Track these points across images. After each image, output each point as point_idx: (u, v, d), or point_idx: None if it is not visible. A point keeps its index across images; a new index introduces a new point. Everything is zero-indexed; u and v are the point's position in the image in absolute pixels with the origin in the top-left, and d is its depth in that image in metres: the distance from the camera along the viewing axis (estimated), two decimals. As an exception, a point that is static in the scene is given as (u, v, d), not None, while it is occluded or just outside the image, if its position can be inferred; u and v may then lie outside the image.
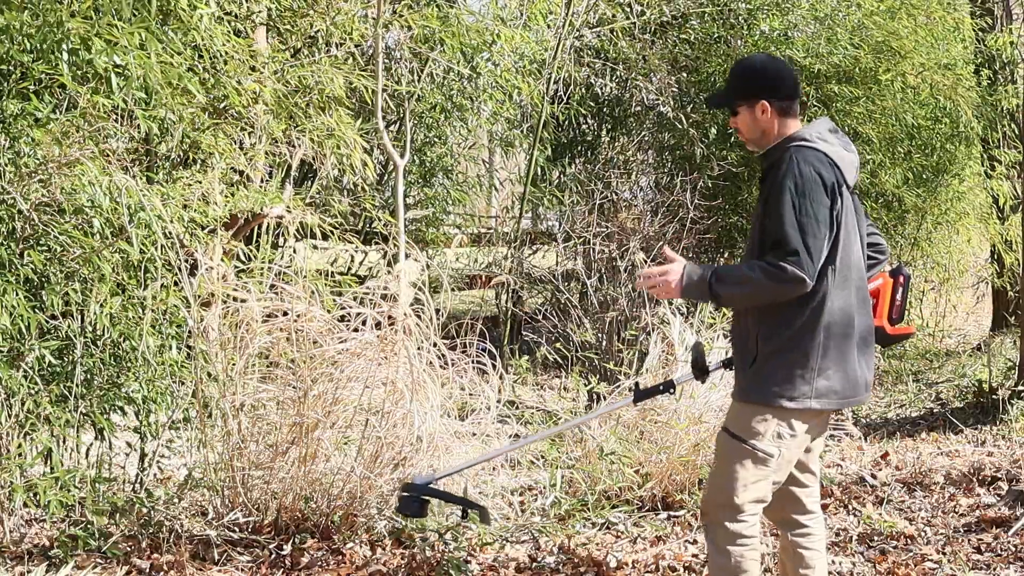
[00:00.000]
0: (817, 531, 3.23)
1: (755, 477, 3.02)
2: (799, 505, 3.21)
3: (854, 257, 3.07)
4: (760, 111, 3.16)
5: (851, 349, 3.03)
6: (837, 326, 2.99)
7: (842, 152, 3.11)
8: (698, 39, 10.11)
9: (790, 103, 3.19)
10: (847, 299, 3.02)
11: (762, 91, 3.17)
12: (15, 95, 4.08)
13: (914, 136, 10.10)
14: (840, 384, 3.01)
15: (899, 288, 3.32)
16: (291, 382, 4.26)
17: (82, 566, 3.84)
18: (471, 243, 10.34)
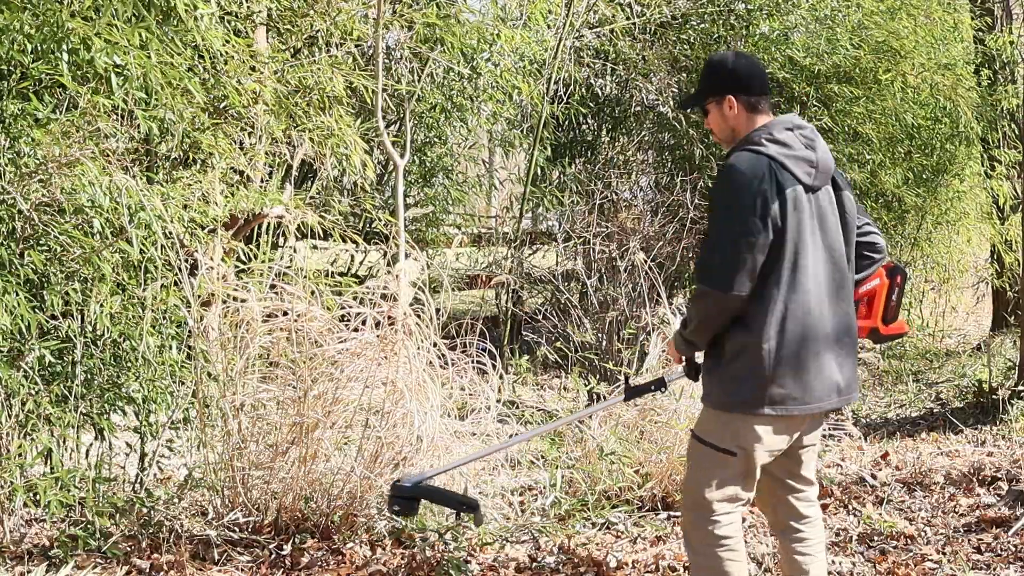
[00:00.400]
0: (814, 536, 3.21)
1: (721, 477, 3.03)
2: (793, 511, 3.20)
3: (820, 257, 3.01)
4: (728, 107, 3.13)
5: (814, 354, 2.97)
6: (793, 331, 2.94)
7: (799, 151, 3.03)
8: (698, 39, 10.11)
9: (759, 99, 3.13)
10: (806, 302, 2.96)
11: (729, 87, 3.13)
12: (15, 95, 4.08)
13: (914, 136, 10.11)
14: (800, 391, 2.96)
15: (895, 288, 3.30)
16: (291, 382, 4.26)
17: (82, 566, 3.84)
18: (471, 243, 10.34)
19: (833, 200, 3.09)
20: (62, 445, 4.24)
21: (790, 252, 2.94)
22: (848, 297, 3.10)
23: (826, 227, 3.04)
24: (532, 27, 8.67)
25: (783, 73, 9.41)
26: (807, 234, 2.97)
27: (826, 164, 3.06)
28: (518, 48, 8.01)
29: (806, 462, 3.20)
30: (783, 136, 3.04)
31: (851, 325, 3.09)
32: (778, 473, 3.19)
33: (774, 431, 3.01)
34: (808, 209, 2.99)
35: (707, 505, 3.05)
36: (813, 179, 3.01)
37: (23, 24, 3.94)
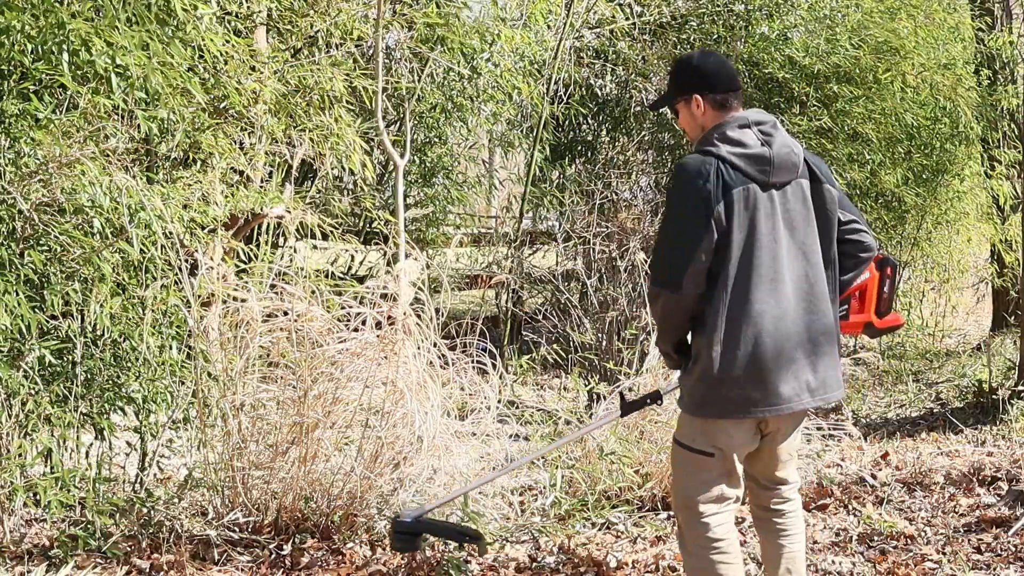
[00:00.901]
0: (791, 528, 3.21)
1: (703, 478, 3.04)
2: (765, 503, 3.23)
3: (785, 255, 2.98)
4: (695, 106, 3.11)
5: (775, 354, 2.93)
6: (747, 332, 2.92)
7: (752, 149, 2.99)
8: (698, 40, 10.12)
9: (726, 97, 3.08)
10: (761, 301, 2.93)
11: (695, 86, 3.11)
12: (16, 96, 4.08)
13: (914, 136, 10.11)
14: (760, 393, 2.94)
15: (886, 280, 3.26)
16: (291, 382, 4.26)
17: (82, 566, 3.84)
18: (471, 243, 10.34)
19: (807, 195, 3.04)
20: (62, 445, 4.24)
21: (739, 252, 2.93)
22: (823, 294, 3.04)
23: (795, 223, 3.01)
24: (532, 27, 8.67)
25: (783, 73, 9.42)
26: (763, 233, 2.94)
27: (785, 159, 3.00)
28: (518, 48, 8.01)
29: (784, 462, 3.19)
30: (736, 134, 3.01)
31: (827, 323, 3.04)
32: (754, 473, 3.20)
33: (745, 430, 3.01)
34: (766, 207, 2.96)
35: (694, 507, 3.05)
36: (770, 176, 2.97)
37: (24, 25, 3.94)
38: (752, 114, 3.07)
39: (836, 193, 3.09)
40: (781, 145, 3.01)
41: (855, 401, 7.78)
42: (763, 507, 3.24)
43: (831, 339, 3.06)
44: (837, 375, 3.09)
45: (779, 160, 2.99)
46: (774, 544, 3.21)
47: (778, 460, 3.17)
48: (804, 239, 3.01)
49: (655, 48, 9.97)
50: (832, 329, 3.06)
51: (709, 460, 3.02)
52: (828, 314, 3.04)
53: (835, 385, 3.09)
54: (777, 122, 3.09)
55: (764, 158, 2.97)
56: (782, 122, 9.24)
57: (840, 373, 3.11)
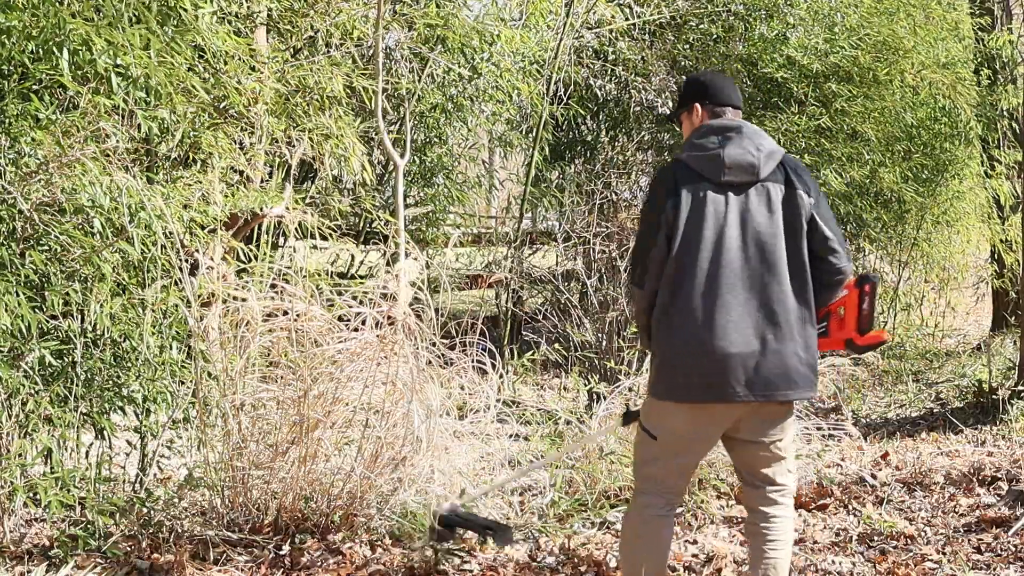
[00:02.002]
0: (774, 535, 3.23)
1: (646, 456, 3.26)
2: (752, 504, 3.29)
3: (736, 253, 3.08)
4: (695, 115, 3.30)
5: (715, 347, 3.04)
6: (675, 326, 3.09)
7: (709, 151, 3.14)
8: (697, 40, 10.12)
9: (723, 109, 3.27)
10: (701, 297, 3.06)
11: (696, 97, 3.32)
12: (16, 96, 4.08)
13: (913, 135, 10.11)
14: (695, 381, 3.06)
15: (865, 297, 3.29)
16: (291, 381, 4.26)
17: (82, 566, 3.84)
18: (471, 243, 10.34)
19: (775, 199, 3.13)
20: (62, 445, 4.24)
21: (683, 246, 3.09)
22: (781, 293, 3.10)
23: (752, 223, 3.10)
24: (532, 27, 8.67)
25: (781, 73, 9.42)
26: (708, 229, 3.08)
27: (741, 161, 3.12)
28: (518, 49, 8.01)
29: (768, 460, 3.23)
30: (700, 140, 3.20)
31: (785, 321, 3.09)
32: (738, 465, 3.33)
33: (692, 418, 3.14)
34: (718, 205, 3.10)
35: (637, 479, 3.32)
36: (722, 175, 3.11)
37: (25, 25, 3.94)
38: (722, 122, 3.23)
39: (809, 200, 3.16)
40: (738, 148, 3.14)
41: (855, 401, 7.78)
42: (752, 508, 3.29)
43: (785, 336, 3.09)
44: (792, 373, 3.10)
45: (732, 161, 3.12)
46: (757, 548, 3.25)
47: (759, 456, 3.23)
48: (764, 239, 3.11)
49: (655, 48, 9.97)
50: (793, 326, 3.10)
51: (652, 441, 3.22)
52: (784, 312, 3.10)
53: (785, 383, 3.10)
54: (745, 127, 3.21)
55: (716, 158, 3.13)
56: (781, 121, 9.27)
57: (802, 373, 3.12)
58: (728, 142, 3.15)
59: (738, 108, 3.30)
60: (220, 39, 4.80)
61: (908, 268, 11.01)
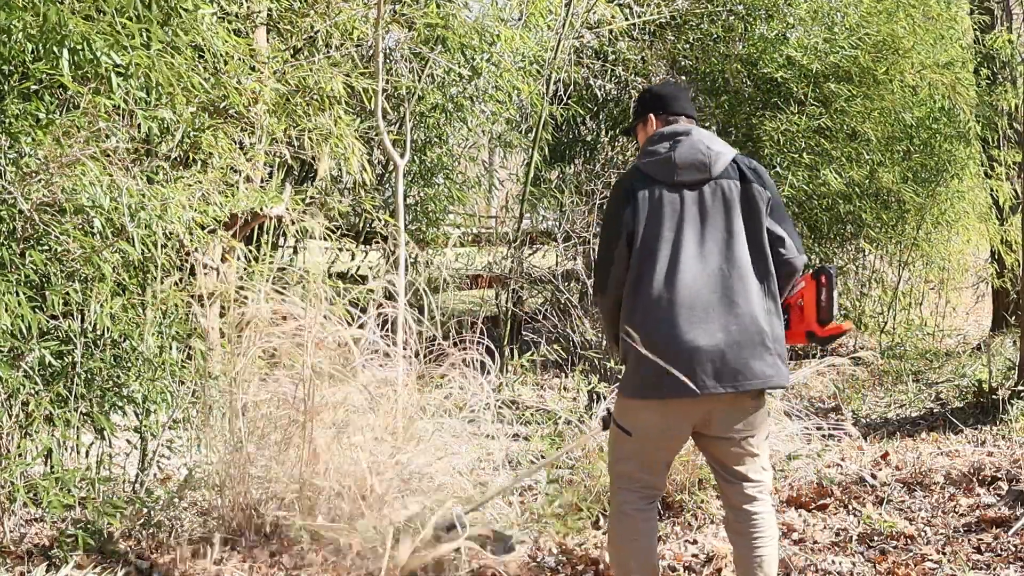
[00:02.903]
0: (756, 532, 3.27)
1: (621, 454, 3.33)
2: (730, 501, 3.34)
3: (693, 250, 3.17)
4: (649, 125, 3.44)
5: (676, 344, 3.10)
6: (649, 324, 3.15)
7: (660, 155, 3.27)
8: (697, 40, 10.12)
9: (676, 118, 3.41)
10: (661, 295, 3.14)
11: (649, 108, 3.46)
12: (16, 95, 4.08)
13: (913, 135, 10.11)
14: (660, 377, 3.10)
15: (822, 289, 3.35)
16: (292, 381, 4.26)
17: (82, 566, 3.84)
18: (471, 243, 10.33)
19: (730, 194, 3.23)
20: (62, 445, 4.24)
21: (643, 248, 3.20)
22: (743, 286, 3.17)
23: (710, 220, 3.21)
24: (532, 27, 8.67)
25: (781, 73, 9.42)
26: (666, 229, 3.19)
27: (691, 160, 3.23)
28: (518, 49, 8.01)
29: (735, 456, 3.27)
30: (651, 147, 3.33)
31: (748, 313, 3.15)
32: (711, 462, 3.38)
33: (661, 414, 3.20)
34: (673, 205, 3.22)
35: (612, 476, 3.39)
36: (675, 176, 3.24)
37: (25, 24, 3.94)
38: (672, 128, 3.36)
39: (766, 193, 3.27)
40: (688, 149, 3.26)
41: (855, 401, 7.78)
42: (731, 506, 3.34)
43: (750, 328, 3.15)
44: (760, 364, 3.15)
45: (683, 161, 3.24)
46: (743, 547, 3.29)
47: (730, 453, 3.27)
48: (723, 234, 3.21)
49: (654, 48, 9.97)
50: (756, 320, 3.16)
51: (626, 438, 3.29)
52: (747, 304, 3.16)
53: (756, 374, 3.15)
54: (694, 131, 3.34)
55: (668, 160, 3.26)
56: (781, 121, 9.27)
57: (770, 362, 3.17)
58: (678, 145, 3.28)
59: (691, 117, 3.43)
60: (220, 39, 4.80)
61: (908, 268, 11.00)
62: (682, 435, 3.29)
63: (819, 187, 9.33)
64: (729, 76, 9.73)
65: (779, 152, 9.37)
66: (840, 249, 10.62)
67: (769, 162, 9.40)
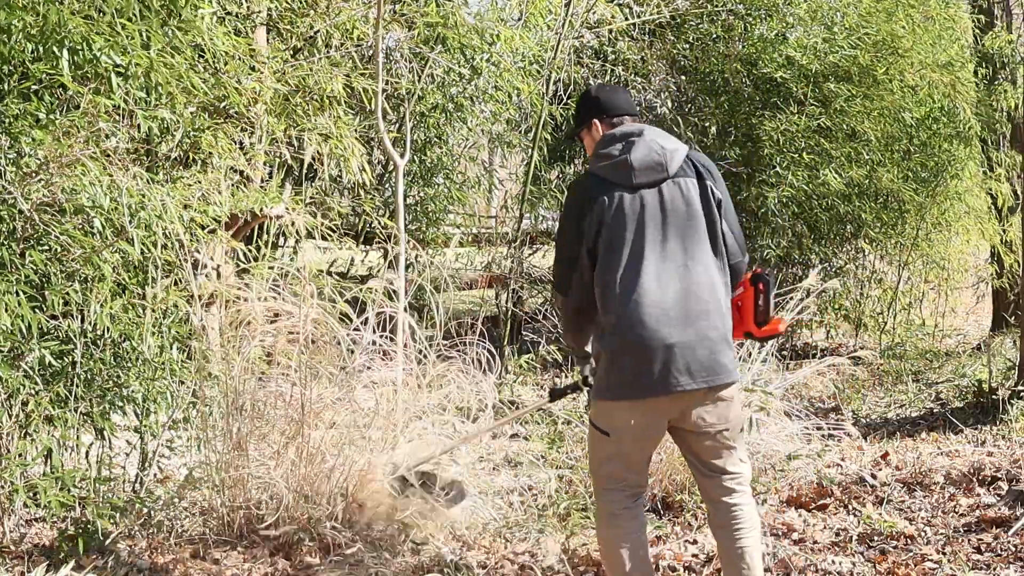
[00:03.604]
0: (737, 523, 3.32)
1: (602, 455, 3.36)
2: (710, 495, 3.38)
3: (656, 249, 3.22)
4: (595, 130, 3.48)
5: (644, 343, 3.15)
6: (619, 325, 3.19)
7: (616, 159, 3.30)
8: (696, 40, 10.12)
9: (621, 120, 3.46)
10: (629, 297, 3.19)
11: (593, 114, 3.50)
12: (16, 95, 4.08)
13: (913, 135, 10.11)
14: (633, 378, 3.18)
15: (759, 295, 3.51)
16: (292, 381, 4.26)
17: (82, 566, 3.84)
18: (472, 243, 10.33)
19: (689, 192, 3.28)
20: (62, 445, 4.24)
21: (608, 252, 3.24)
22: (704, 282, 3.24)
23: (670, 218, 3.26)
24: (531, 27, 8.67)
25: (781, 73, 9.42)
26: (630, 231, 3.23)
27: (647, 161, 3.27)
28: (518, 49, 8.01)
29: (717, 449, 3.33)
30: (604, 150, 3.36)
31: (715, 309, 3.24)
32: (689, 458, 3.41)
33: (638, 413, 3.24)
34: (633, 206, 3.25)
35: (596, 479, 3.42)
36: (633, 178, 3.27)
37: (25, 24, 3.93)
38: (623, 129, 3.39)
39: (719, 193, 3.34)
40: (643, 151, 3.29)
41: (855, 401, 7.78)
42: (711, 500, 3.38)
43: (715, 322, 3.23)
44: (724, 359, 3.24)
45: (640, 164, 3.27)
46: (726, 540, 3.34)
47: (707, 447, 3.32)
48: (684, 231, 3.26)
49: (654, 48, 9.97)
50: (716, 316, 3.24)
51: (605, 439, 3.32)
52: (712, 300, 3.25)
53: (724, 368, 3.23)
54: (647, 130, 3.38)
55: (624, 163, 3.28)
56: (780, 121, 9.27)
57: (732, 357, 3.28)
58: (632, 147, 3.31)
59: (634, 115, 3.49)
60: (220, 39, 4.80)
61: (908, 268, 11.00)
62: (659, 432, 3.35)
63: (819, 187, 9.33)
64: (729, 76, 9.73)
65: (779, 152, 9.37)
66: (840, 249, 10.62)
67: (769, 162, 9.41)
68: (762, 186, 9.40)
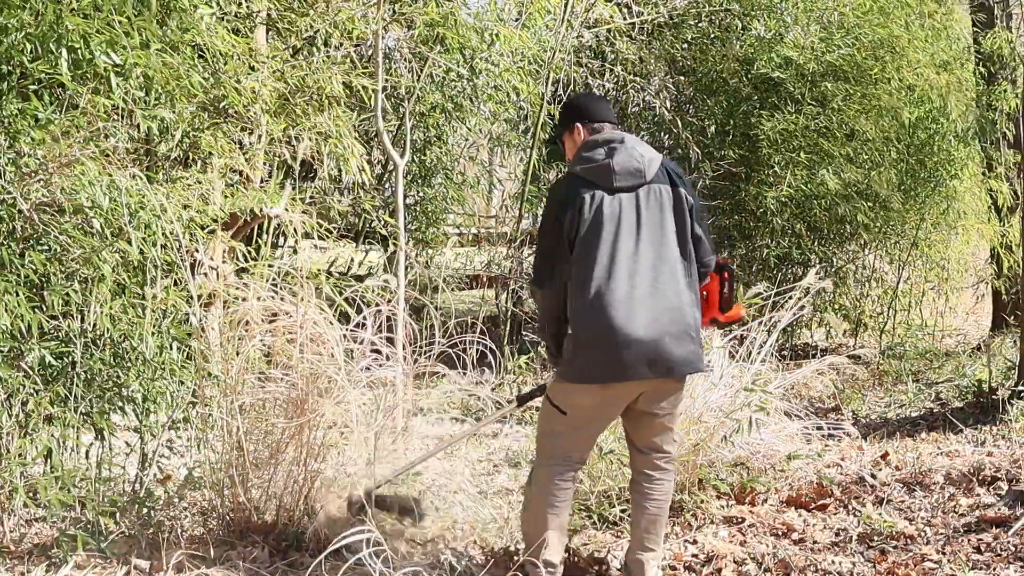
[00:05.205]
0: (655, 495, 3.74)
1: (554, 429, 3.66)
2: (640, 468, 3.76)
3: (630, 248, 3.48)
4: (576, 134, 3.75)
5: (612, 333, 3.42)
6: (589, 317, 3.46)
7: (599, 162, 3.56)
8: (695, 39, 10.12)
9: (601, 125, 3.71)
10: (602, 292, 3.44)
11: (575, 118, 3.77)
12: (15, 95, 4.08)
13: (912, 135, 10.10)
14: (601, 365, 3.46)
15: (725, 283, 3.85)
16: (291, 381, 4.25)
17: (82, 566, 3.84)
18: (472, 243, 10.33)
19: (663, 197, 3.57)
20: (62, 445, 4.23)
21: (585, 248, 3.49)
22: (672, 280, 3.53)
23: (645, 221, 3.53)
24: (530, 27, 8.66)
25: (778, 73, 9.42)
26: (606, 230, 3.49)
27: (628, 167, 3.54)
28: (517, 48, 8.00)
29: (654, 430, 3.70)
30: (588, 153, 3.62)
31: (678, 306, 3.53)
32: (631, 435, 3.77)
33: (597, 398, 3.55)
34: (612, 208, 3.51)
35: (542, 451, 3.72)
36: (614, 182, 3.54)
37: (22, 22, 3.93)
38: (604, 135, 3.66)
39: (690, 199, 3.63)
40: (624, 157, 3.56)
41: (855, 401, 7.78)
42: (637, 471, 3.77)
43: (679, 319, 3.52)
44: (686, 352, 3.54)
45: (622, 168, 3.54)
46: (640, 506, 3.75)
47: (651, 427, 3.69)
48: (656, 234, 3.54)
49: (653, 48, 9.96)
50: (683, 311, 3.54)
51: (561, 416, 3.62)
52: (676, 297, 3.53)
53: (681, 362, 3.53)
54: (627, 138, 3.65)
55: (607, 167, 3.55)
56: (778, 121, 9.26)
57: (693, 350, 3.56)
58: (615, 152, 3.57)
59: (614, 123, 3.74)
60: (219, 38, 4.80)
61: (908, 268, 11.00)
62: (614, 414, 3.69)
63: (817, 187, 9.33)
64: (727, 75, 9.73)
65: (777, 151, 9.36)
66: (840, 249, 10.61)
67: (767, 161, 9.41)
68: (760, 186, 9.40)
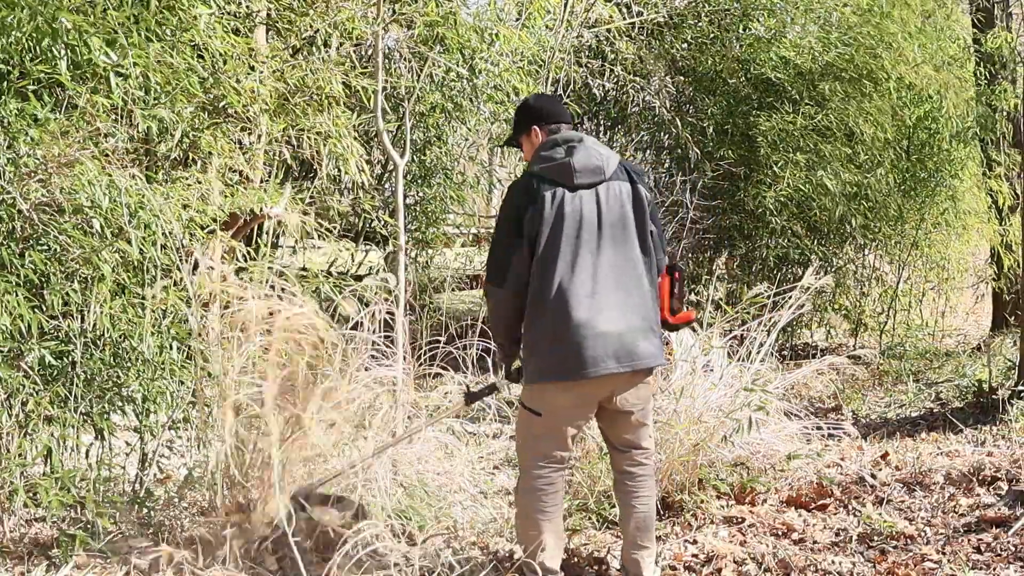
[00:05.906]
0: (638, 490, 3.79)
1: (533, 433, 3.70)
2: (620, 467, 3.83)
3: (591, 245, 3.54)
4: (534, 136, 3.80)
5: (574, 329, 3.48)
6: (551, 314, 3.52)
7: (558, 161, 3.61)
8: (694, 39, 10.12)
9: (558, 126, 3.77)
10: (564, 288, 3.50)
11: (532, 121, 3.81)
12: (14, 94, 4.08)
13: (911, 136, 10.10)
14: (568, 361, 3.50)
15: (675, 283, 3.87)
16: (291, 381, 4.25)
17: (82, 566, 3.84)
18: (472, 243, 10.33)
19: (623, 194, 3.63)
20: (62, 445, 4.23)
21: (546, 244, 3.53)
22: (633, 275, 3.60)
23: (605, 217, 3.58)
24: (530, 27, 8.66)
25: (776, 73, 9.42)
26: (568, 228, 3.53)
27: (587, 165, 3.60)
28: (517, 48, 8.00)
29: (632, 427, 3.75)
30: (547, 152, 3.67)
31: (641, 301, 3.60)
32: (607, 433, 3.82)
33: (569, 395, 3.60)
34: (574, 205, 3.56)
35: (525, 457, 3.73)
36: (574, 179, 3.59)
37: (19, 21, 3.92)
38: (563, 135, 3.71)
39: (648, 197, 3.71)
40: (584, 155, 3.62)
41: (855, 401, 7.78)
42: (619, 470, 3.82)
43: (640, 313, 3.59)
44: (649, 346, 3.60)
45: (581, 166, 3.60)
46: (627, 507, 3.80)
47: (627, 424, 3.74)
48: (617, 230, 3.60)
49: (652, 48, 9.96)
50: (644, 305, 3.61)
51: (536, 419, 3.65)
52: (638, 292, 3.60)
53: (646, 355, 3.59)
54: (585, 138, 3.71)
55: (567, 165, 3.60)
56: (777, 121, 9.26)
57: (657, 344, 3.64)
58: (574, 151, 3.62)
59: (569, 123, 3.80)
60: (219, 38, 4.79)
61: (908, 268, 11.00)
62: (589, 411, 3.70)
63: (817, 187, 9.32)
64: (726, 75, 9.73)
65: (776, 151, 9.36)
66: (840, 249, 10.60)
67: (766, 161, 9.40)
68: (760, 186, 9.39)
